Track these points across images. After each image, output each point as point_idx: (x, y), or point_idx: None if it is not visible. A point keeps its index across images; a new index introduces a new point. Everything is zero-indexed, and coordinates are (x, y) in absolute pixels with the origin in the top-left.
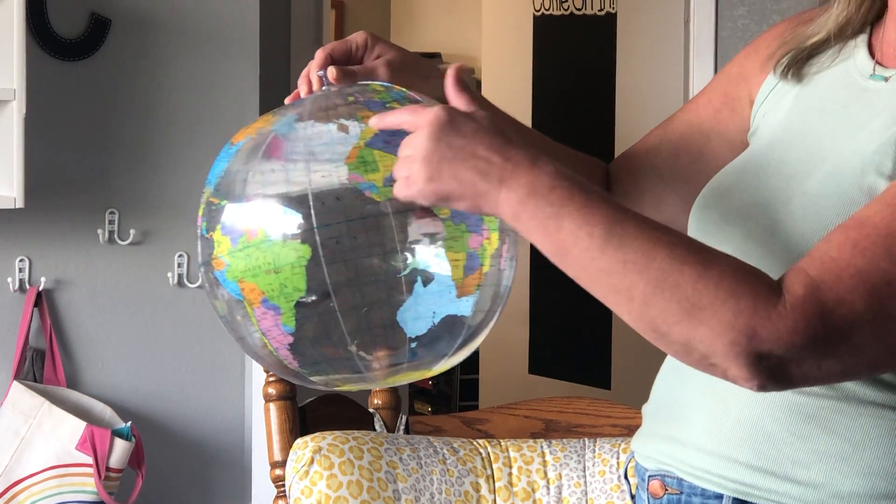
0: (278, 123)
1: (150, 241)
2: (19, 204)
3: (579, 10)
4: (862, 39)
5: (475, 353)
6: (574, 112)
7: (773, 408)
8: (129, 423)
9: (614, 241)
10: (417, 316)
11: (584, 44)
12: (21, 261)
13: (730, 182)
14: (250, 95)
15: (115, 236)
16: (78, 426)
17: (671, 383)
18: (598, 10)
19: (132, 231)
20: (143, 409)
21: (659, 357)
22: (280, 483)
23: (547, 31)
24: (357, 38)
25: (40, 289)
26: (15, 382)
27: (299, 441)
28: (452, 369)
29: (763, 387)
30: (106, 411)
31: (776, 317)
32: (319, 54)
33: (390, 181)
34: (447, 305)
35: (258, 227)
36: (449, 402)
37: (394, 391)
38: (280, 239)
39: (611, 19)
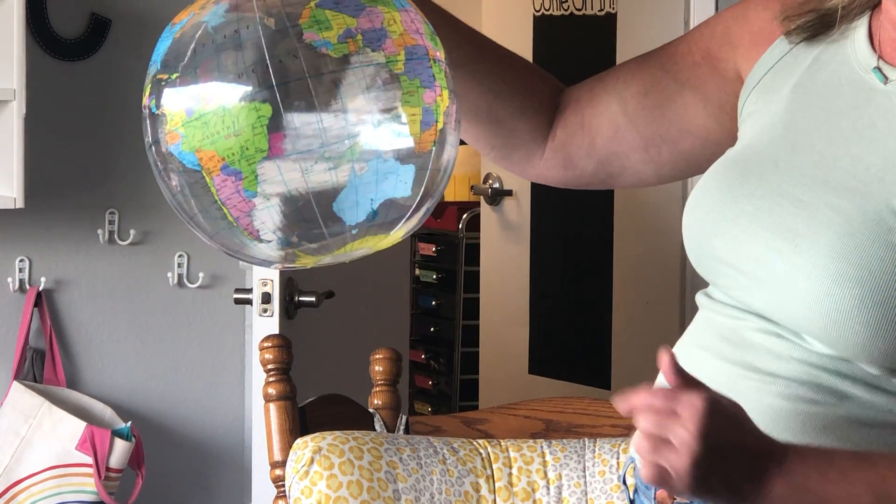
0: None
1: (150, 241)
2: (19, 204)
3: (579, 10)
4: (863, 22)
5: (475, 353)
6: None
7: (787, 420)
8: (129, 424)
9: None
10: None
11: (583, 44)
12: (21, 261)
13: (729, 182)
14: None
15: (115, 236)
16: (78, 426)
17: None
18: (598, 11)
19: (132, 231)
20: (143, 409)
21: (654, 354)
22: (280, 483)
23: (547, 31)
24: None
25: (40, 289)
26: (15, 382)
27: (299, 441)
28: (452, 369)
29: None
30: (106, 411)
31: None
32: None
33: (344, 38)
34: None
35: (214, 93)
36: (449, 402)
37: (394, 391)
38: (238, 102)
39: (611, 19)
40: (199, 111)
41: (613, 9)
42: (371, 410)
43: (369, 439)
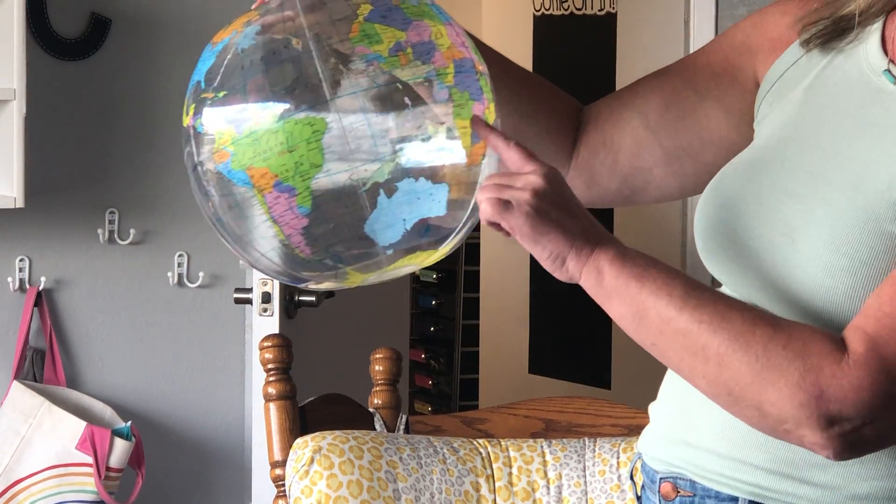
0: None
1: (150, 240)
2: (19, 204)
3: (579, 9)
4: (877, 27)
5: (475, 353)
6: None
7: None
8: (129, 423)
9: (692, 302)
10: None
11: (584, 43)
12: (21, 260)
13: (740, 181)
14: None
15: (115, 236)
16: (78, 426)
17: (680, 386)
18: (599, 10)
19: (132, 231)
20: (143, 409)
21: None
22: (280, 483)
23: (547, 30)
24: None
25: (40, 288)
26: (15, 382)
27: (299, 441)
28: (452, 369)
29: (841, 455)
30: (106, 411)
31: (840, 374)
32: None
33: (395, 51)
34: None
35: (265, 110)
36: (449, 401)
37: (394, 390)
38: (291, 117)
39: (611, 19)
40: (248, 128)
41: (613, 8)
42: (371, 410)
43: (369, 439)
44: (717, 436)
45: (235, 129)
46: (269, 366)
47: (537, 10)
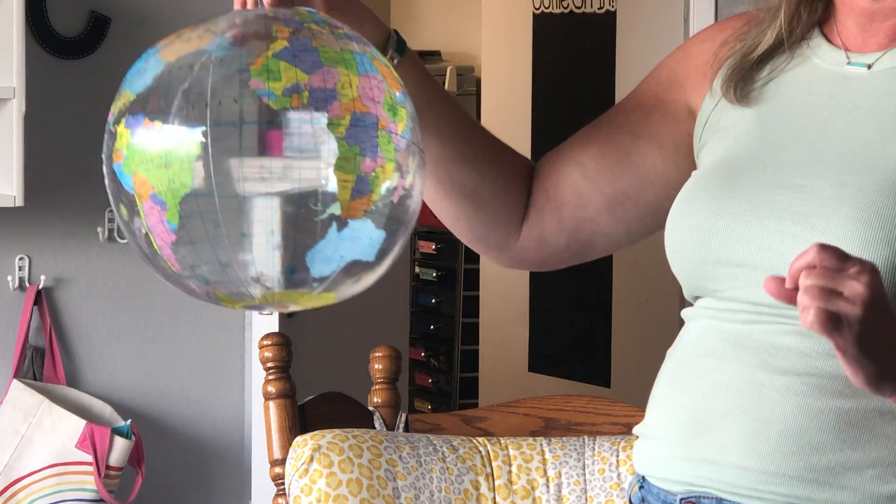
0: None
1: None
2: (19, 202)
3: (579, 8)
4: (816, 42)
5: (475, 351)
6: (574, 110)
7: (819, 418)
8: (128, 422)
9: None
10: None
11: (583, 42)
12: (21, 259)
13: (714, 194)
14: None
15: (115, 234)
16: (78, 424)
17: (686, 401)
18: (598, 9)
19: None
20: (142, 408)
21: (658, 356)
22: (280, 481)
23: (547, 29)
24: None
25: (40, 287)
26: (15, 381)
27: (299, 439)
28: (452, 367)
29: None
30: (106, 409)
31: None
32: None
33: (289, 92)
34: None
35: (156, 119)
36: (448, 399)
37: (393, 389)
38: (173, 135)
39: (610, 17)
40: (141, 134)
41: (613, 6)
42: (370, 408)
43: (369, 437)
44: (744, 450)
45: (131, 133)
46: (269, 364)
47: (537, 9)
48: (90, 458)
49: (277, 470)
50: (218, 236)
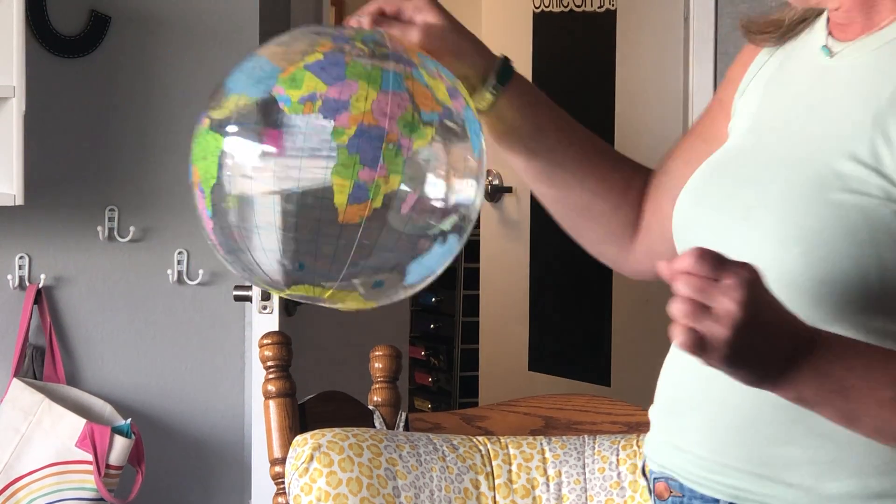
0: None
1: (150, 238)
2: (19, 201)
3: (579, 6)
4: (820, 23)
5: (475, 350)
6: (574, 108)
7: (765, 411)
8: (128, 421)
9: None
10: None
11: (583, 40)
12: (21, 258)
13: (709, 173)
14: None
15: (115, 233)
16: (77, 423)
17: (670, 390)
18: (598, 7)
19: (132, 228)
20: (142, 407)
21: (658, 355)
22: (280, 480)
23: (546, 27)
24: (413, 4)
25: (40, 286)
26: (15, 380)
27: (299, 438)
28: (452, 366)
29: None
30: (106, 408)
31: None
32: (371, 6)
33: (304, 100)
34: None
35: (203, 117)
36: (448, 398)
37: (394, 388)
38: (209, 129)
39: (610, 16)
40: (197, 130)
41: (613, 5)
42: (371, 407)
43: (369, 436)
44: (701, 438)
45: (198, 127)
46: (269, 363)
47: (536, 7)
48: (90, 457)
49: (277, 469)
50: (240, 228)
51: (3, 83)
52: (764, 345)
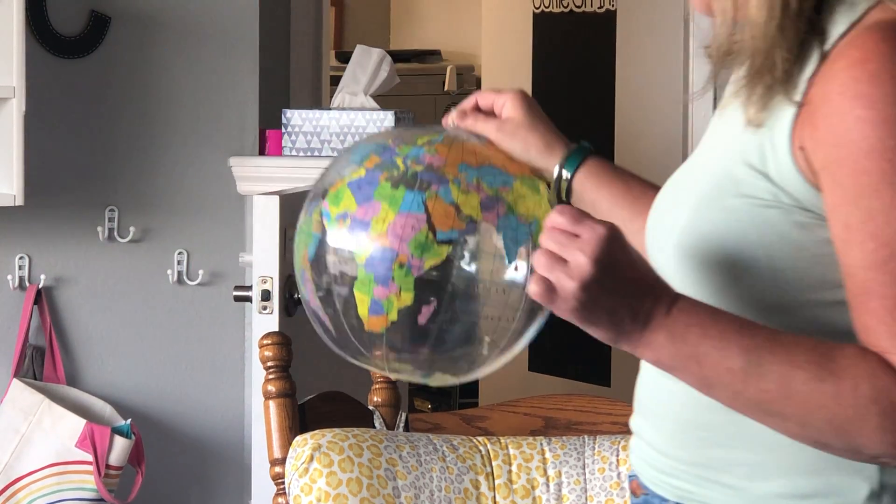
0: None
1: (150, 238)
2: (19, 201)
3: (579, 7)
4: None
5: None
6: (574, 109)
7: (700, 413)
8: (128, 421)
9: (753, 374)
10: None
11: (583, 41)
12: (21, 258)
13: (664, 187)
14: (249, 93)
15: (115, 234)
16: (78, 424)
17: (636, 389)
18: (598, 8)
19: (132, 228)
20: (142, 407)
21: None
22: (280, 480)
23: (547, 28)
24: (508, 96)
25: (40, 286)
26: (15, 380)
27: (299, 438)
28: None
29: None
30: (106, 409)
31: None
32: (469, 100)
33: (340, 217)
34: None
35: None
36: (449, 399)
37: (393, 388)
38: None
39: (610, 16)
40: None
41: (613, 6)
42: (371, 408)
43: (369, 437)
44: (654, 440)
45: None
46: (269, 363)
47: (537, 8)
48: (90, 458)
49: (277, 469)
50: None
51: (3, 83)
52: (616, 302)
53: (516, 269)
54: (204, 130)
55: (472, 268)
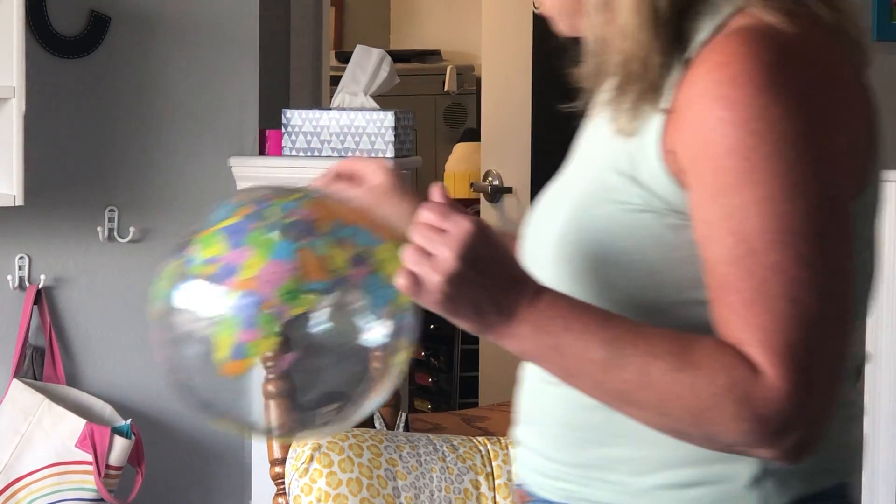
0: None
1: (150, 238)
2: (19, 201)
3: None
4: None
5: (476, 350)
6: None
7: (578, 415)
8: (128, 421)
9: (614, 365)
10: None
11: (584, 41)
12: (21, 258)
13: (539, 201)
14: (249, 92)
15: (115, 234)
16: (78, 424)
17: (517, 401)
18: None
19: (132, 228)
20: (142, 407)
21: None
22: (280, 481)
23: (547, 28)
24: (368, 167)
25: (40, 286)
26: (15, 380)
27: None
28: (452, 366)
29: (800, 458)
30: (106, 409)
31: (766, 391)
32: (332, 169)
33: (208, 262)
34: None
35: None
36: (449, 399)
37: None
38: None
39: None
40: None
41: None
42: None
43: (369, 437)
44: (537, 446)
45: None
46: (269, 363)
47: (537, 8)
48: (90, 458)
49: (277, 469)
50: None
51: (3, 83)
52: (481, 295)
53: (377, 327)
54: (204, 130)
55: (336, 320)
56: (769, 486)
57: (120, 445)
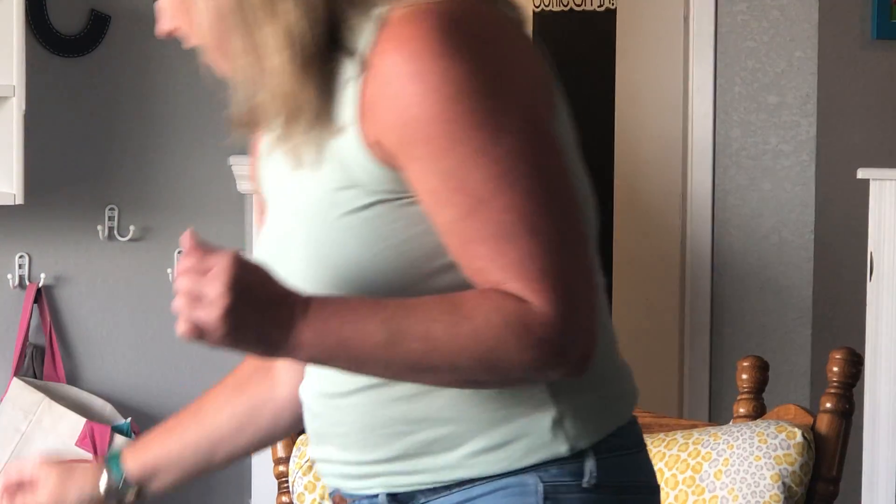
0: None
1: (150, 237)
2: (19, 200)
3: (579, 5)
4: None
5: None
6: (573, 108)
7: (378, 415)
8: (128, 420)
9: (396, 341)
10: None
11: (583, 40)
12: (21, 257)
13: (264, 245)
14: None
15: (115, 232)
16: (78, 422)
17: (307, 424)
18: (598, 6)
19: (132, 227)
20: (142, 405)
21: (657, 356)
22: (283, 479)
23: (547, 26)
24: (35, 471)
25: (40, 285)
26: (15, 379)
27: (303, 437)
28: None
29: (586, 366)
30: (106, 407)
31: (543, 319)
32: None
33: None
34: None
35: None
36: None
37: None
38: None
39: (610, 15)
40: None
41: (613, 4)
42: None
43: None
44: (348, 455)
45: None
46: None
47: (536, 7)
48: (90, 456)
49: (281, 468)
50: None
51: (3, 83)
52: (258, 319)
53: None
54: (204, 129)
55: None
56: (568, 426)
57: (120, 444)
